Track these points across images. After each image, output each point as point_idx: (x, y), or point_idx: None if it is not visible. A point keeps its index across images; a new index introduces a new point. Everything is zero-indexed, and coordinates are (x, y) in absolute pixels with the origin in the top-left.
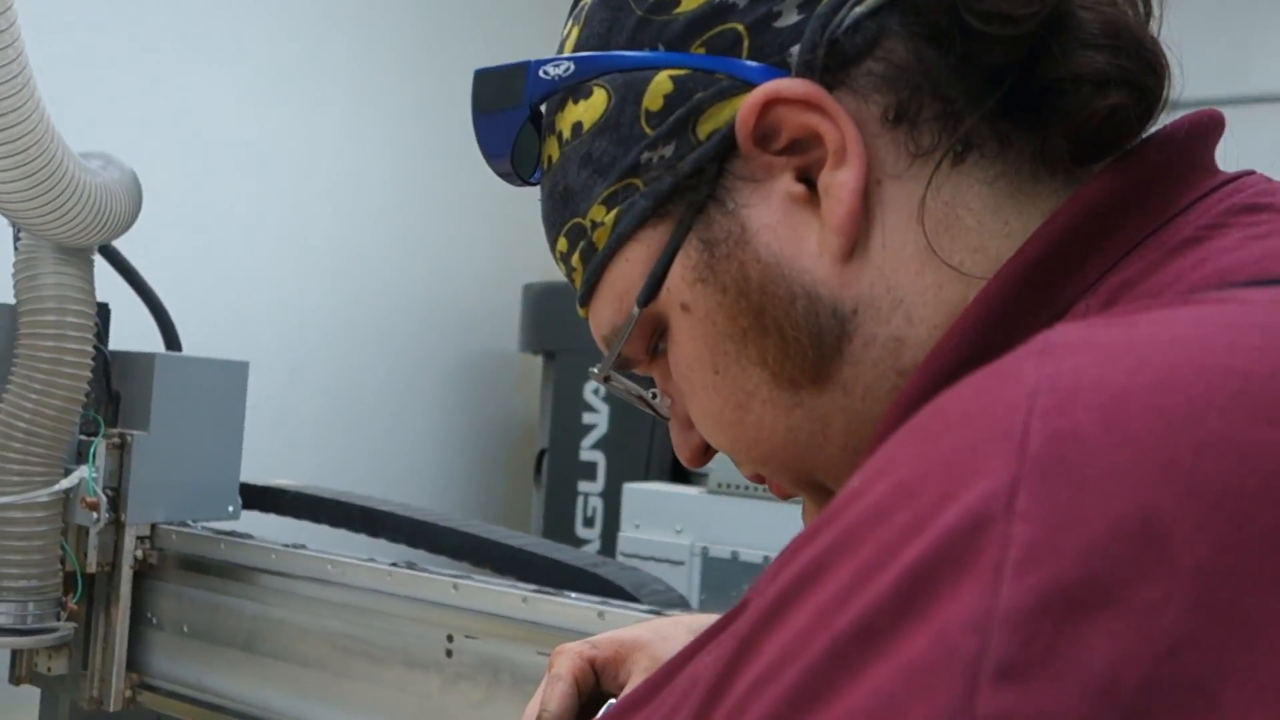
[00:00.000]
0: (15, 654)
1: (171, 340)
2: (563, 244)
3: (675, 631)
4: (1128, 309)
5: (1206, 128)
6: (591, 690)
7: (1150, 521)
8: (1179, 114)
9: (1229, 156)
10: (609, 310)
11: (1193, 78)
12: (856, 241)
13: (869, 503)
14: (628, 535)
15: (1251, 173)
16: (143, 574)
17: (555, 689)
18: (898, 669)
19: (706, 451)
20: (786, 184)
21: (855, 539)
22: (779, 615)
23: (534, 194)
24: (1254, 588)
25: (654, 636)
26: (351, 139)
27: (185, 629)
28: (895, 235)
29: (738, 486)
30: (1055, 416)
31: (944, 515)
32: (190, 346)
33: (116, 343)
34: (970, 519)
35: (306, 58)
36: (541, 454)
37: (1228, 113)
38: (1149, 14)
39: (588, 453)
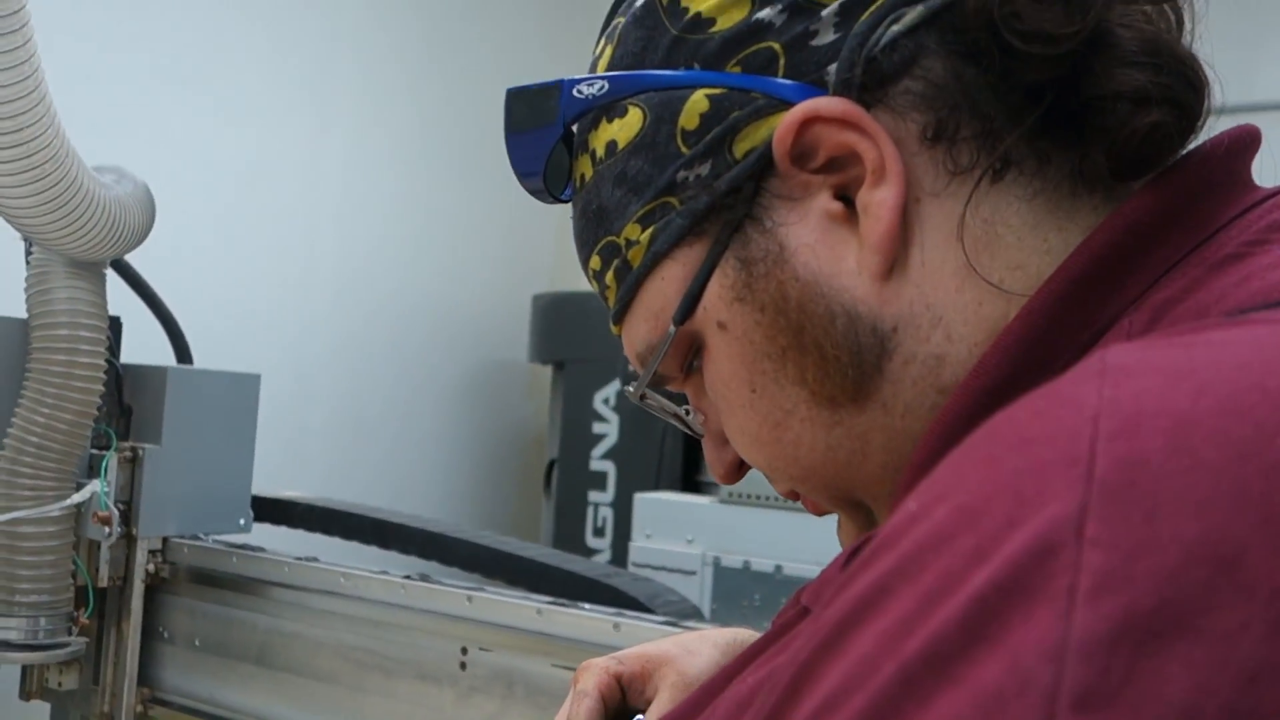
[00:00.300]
0: (26, 669)
1: (183, 353)
2: (596, 262)
3: (701, 646)
4: (1175, 328)
5: (1244, 143)
6: (618, 706)
7: (1223, 547)
8: None
9: None
10: (644, 328)
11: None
12: (895, 259)
13: (930, 526)
14: (639, 545)
15: None
16: (154, 588)
17: (582, 705)
18: (970, 698)
19: (741, 468)
20: (824, 202)
21: (918, 563)
22: (840, 640)
23: (543, 204)
24: None
25: (680, 651)
26: (359, 152)
27: (197, 643)
28: (934, 253)
29: (749, 495)
30: (1121, 441)
31: (1010, 541)
32: (199, 359)
33: (128, 356)
34: (1039, 545)
35: (314, 73)
36: (551, 464)
37: (1233, 120)
38: (1181, 26)
39: (598, 462)
